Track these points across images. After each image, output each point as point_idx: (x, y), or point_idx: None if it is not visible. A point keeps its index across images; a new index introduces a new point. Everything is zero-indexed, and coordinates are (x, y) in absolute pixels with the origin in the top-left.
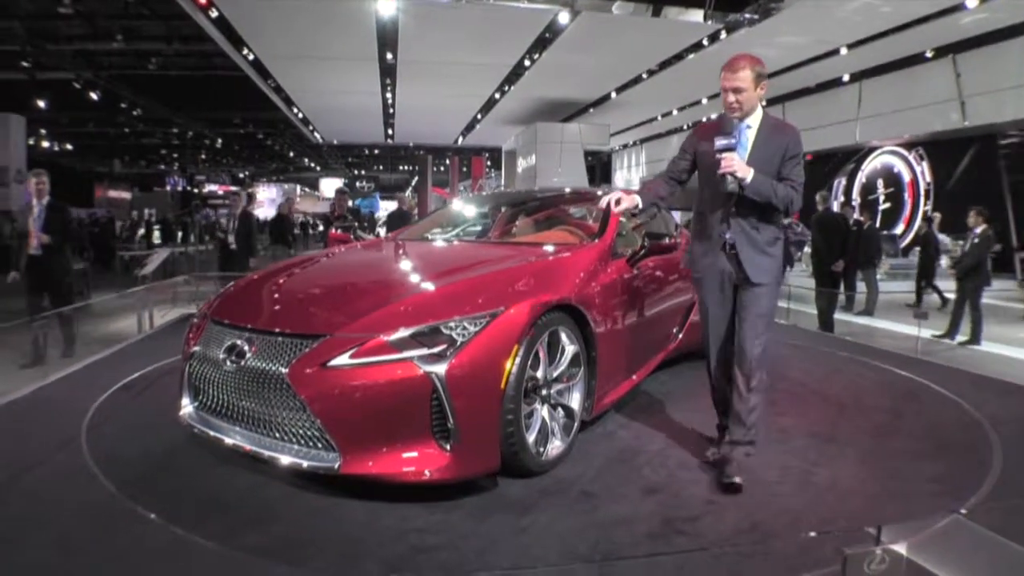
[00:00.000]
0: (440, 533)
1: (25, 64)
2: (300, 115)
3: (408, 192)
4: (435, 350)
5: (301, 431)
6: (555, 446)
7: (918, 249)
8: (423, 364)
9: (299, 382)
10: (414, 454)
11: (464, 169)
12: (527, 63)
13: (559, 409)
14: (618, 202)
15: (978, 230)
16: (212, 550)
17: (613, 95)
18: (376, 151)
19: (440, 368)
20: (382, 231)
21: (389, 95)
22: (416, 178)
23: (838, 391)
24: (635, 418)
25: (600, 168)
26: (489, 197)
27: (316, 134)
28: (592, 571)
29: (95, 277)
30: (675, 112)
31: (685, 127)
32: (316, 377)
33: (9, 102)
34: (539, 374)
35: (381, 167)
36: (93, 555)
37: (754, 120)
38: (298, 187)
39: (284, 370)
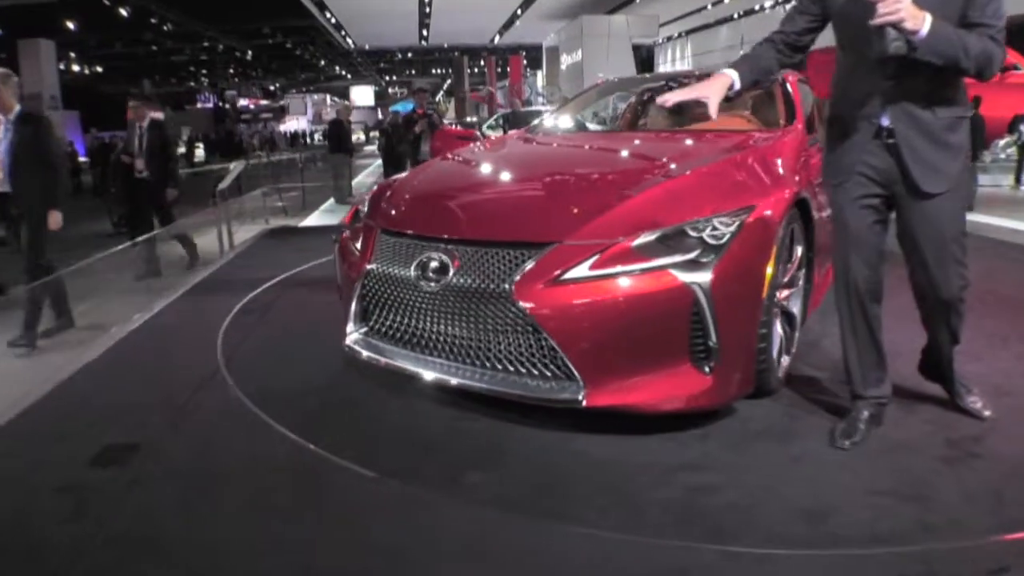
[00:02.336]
0: (709, 469)
1: None
2: (332, 20)
3: (440, 96)
4: (691, 256)
5: (530, 359)
6: (784, 361)
7: None
8: (682, 273)
9: (529, 300)
10: (670, 380)
11: (499, 70)
12: None
13: (784, 318)
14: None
15: None
16: (451, 507)
17: None
18: (409, 55)
19: (703, 277)
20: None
21: None
22: (449, 81)
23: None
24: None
25: (640, 64)
26: (625, 83)
27: (348, 39)
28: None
29: None
30: (727, 0)
31: (736, 16)
32: (549, 293)
33: (38, 26)
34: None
35: (413, 71)
36: (315, 519)
37: None
38: (328, 96)
39: (508, 287)
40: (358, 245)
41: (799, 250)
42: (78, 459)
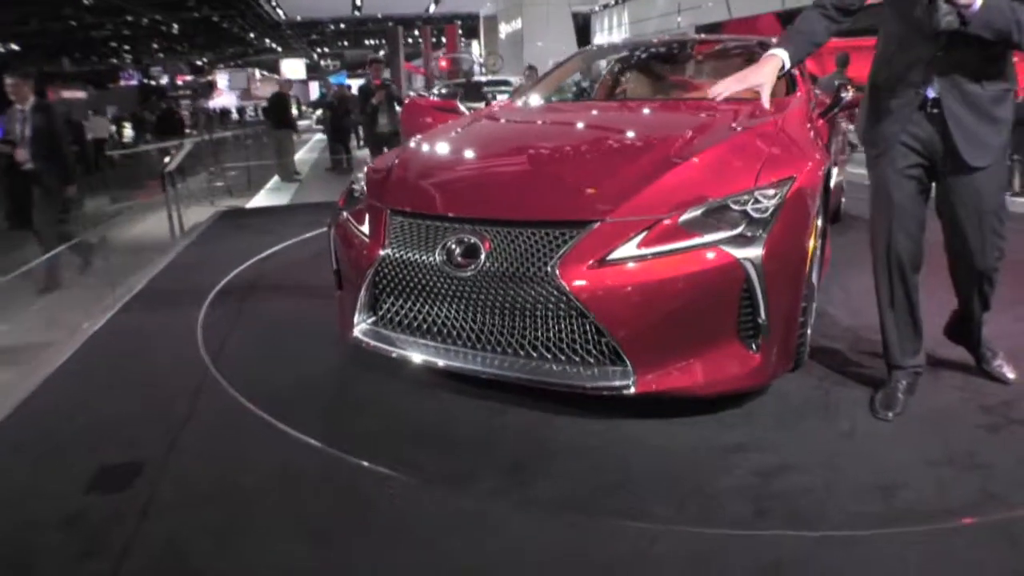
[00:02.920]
0: (765, 450)
1: None
2: None
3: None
4: (738, 230)
5: (572, 346)
6: (808, 333)
7: None
8: (734, 248)
9: (574, 283)
10: (718, 360)
11: (435, 40)
12: None
13: None
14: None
15: None
16: (514, 514)
17: None
18: (341, 26)
19: (755, 252)
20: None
21: None
22: (382, 52)
23: None
24: None
25: (577, 32)
26: (606, 51)
27: (279, 10)
28: None
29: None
30: None
31: None
32: (596, 274)
33: None
34: None
35: (346, 43)
36: (371, 540)
37: None
38: (257, 71)
39: (550, 269)
40: (364, 229)
41: (819, 221)
42: (74, 486)
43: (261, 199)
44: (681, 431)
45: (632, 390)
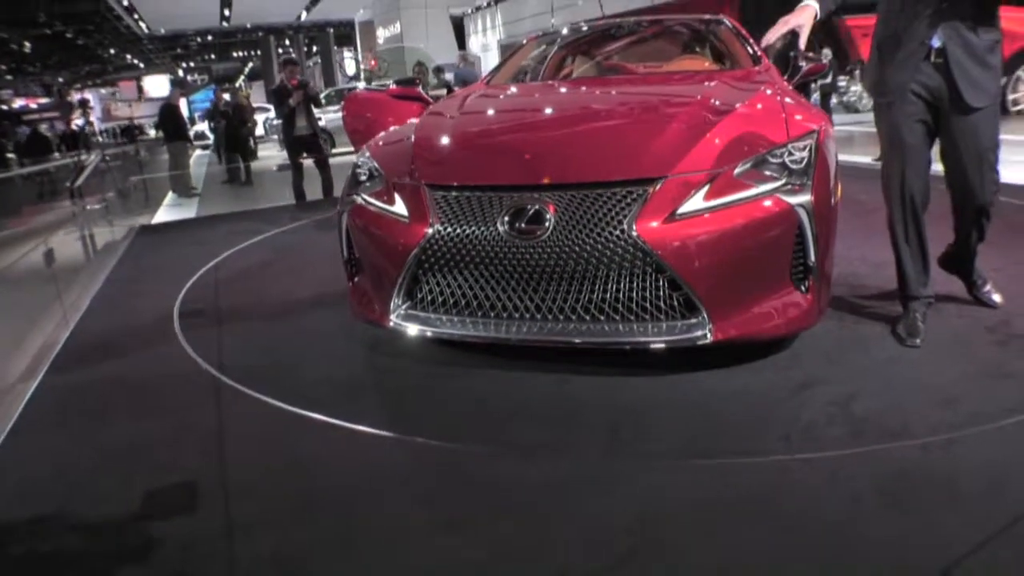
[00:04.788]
0: (830, 382)
1: None
2: (124, 2)
3: (240, 82)
4: (783, 180)
5: (645, 302)
6: None
7: None
8: (787, 196)
9: (651, 238)
10: (779, 304)
11: (307, 48)
12: None
13: None
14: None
15: None
16: (629, 471)
17: None
18: (209, 38)
19: (806, 198)
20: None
21: None
22: (251, 65)
23: None
24: None
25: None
26: (552, 35)
27: (141, 23)
28: None
29: None
30: None
31: None
32: (670, 229)
33: None
34: None
35: (213, 56)
36: (499, 521)
37: None
38: (116, 91)
39: (626, 227)
40: (397, 209)
41: None
42: (127, 516)
43: (163, 215)
44: (746, 377)
45: (708, 339)
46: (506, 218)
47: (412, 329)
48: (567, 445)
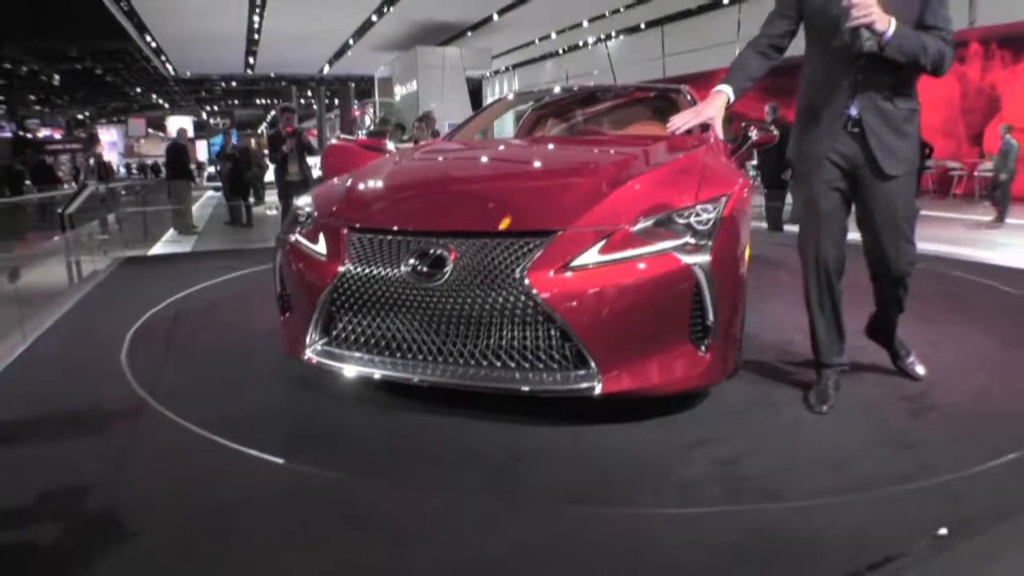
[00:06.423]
0: (724, 441)
1: None
2: (153, 44)
3: (262, 128)
4: (684, 239)
5: (537, 351)
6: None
7: None
8: (684, 255)
9: (542, 289)
10: (673, 361)
11: (328, 101)
12: None
13: None
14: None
15: None
16: (513, 509)
17: (495, 17)
18: (233, 83)
19: (703, 259)
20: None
21: (257, 18)
22: (272, 112)
23: None
24: None
25: (470, 95)
26: (523, 97)
27: (168, 65)
28: None
29: None
30: (553, 35)
31: (560, 51)
32: (562, 281)
33: None
34: None
35: (236, 102)
36: (360, 544)
37: None
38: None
39: (518, 277)
40: (319, 248)
41: None
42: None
43: (159, 250)
44: (640, 432)
45: (597, 391)
46: (410, 261)
47: (325, 364)
48: (450, 484)
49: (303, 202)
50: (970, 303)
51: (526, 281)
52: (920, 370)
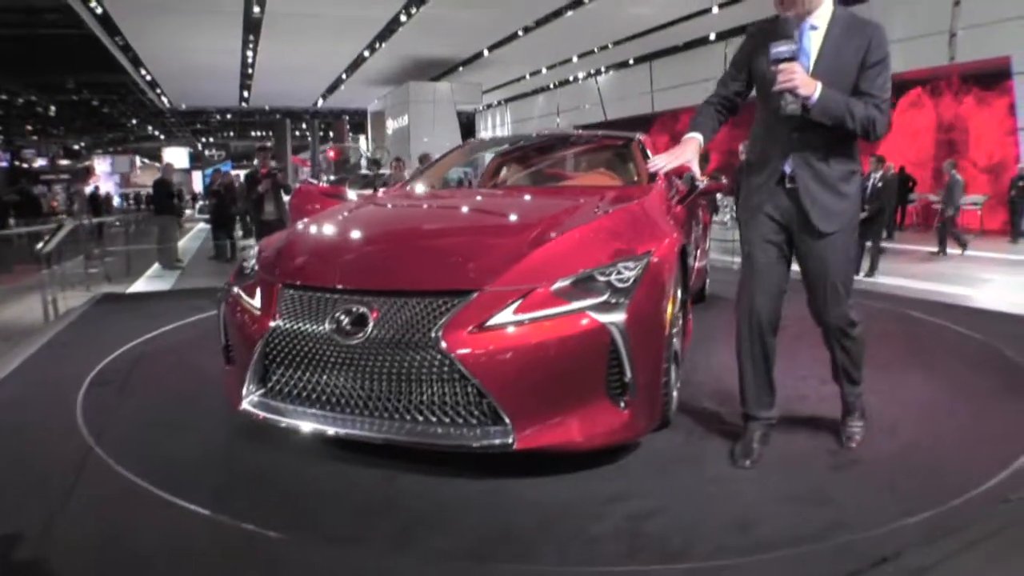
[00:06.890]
0: (638, 497)
1: None
2: (148, 77)
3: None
4: (603, 298)
5: (456, 408)
6: (674, 394)
7: None
8: (599, 314)
9: (456, 347)
10: (591, 417)
11: (323, 134)
12: (403, 18)
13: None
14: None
15: None
16: (415, 566)
17: (486, 53)
18: (228, 115)
19: (618, 317)
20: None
21: (250, 53)
22: (269, 144)
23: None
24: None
25: (462, 129)
26: (489, 143)
27: (164, 98)
28: None
29: None
30: (544, 70)
31: (551, 86)
32: (476, 339)
33: None
34: None
35: (231, 133)
36: None
37: (821, 18)
38: (137, 158)
39: (434, 336)
40: (255, 302)
41: (679, 293)
42: None
43: (141, 285)
44: (561, 485)
45: (513, 447)
46: (335, 318)
47: (257, 416)
48: (367, 537)
49: (251, 252)
50: (924, 347)
51: (441, 340)
52: (853, 444)
